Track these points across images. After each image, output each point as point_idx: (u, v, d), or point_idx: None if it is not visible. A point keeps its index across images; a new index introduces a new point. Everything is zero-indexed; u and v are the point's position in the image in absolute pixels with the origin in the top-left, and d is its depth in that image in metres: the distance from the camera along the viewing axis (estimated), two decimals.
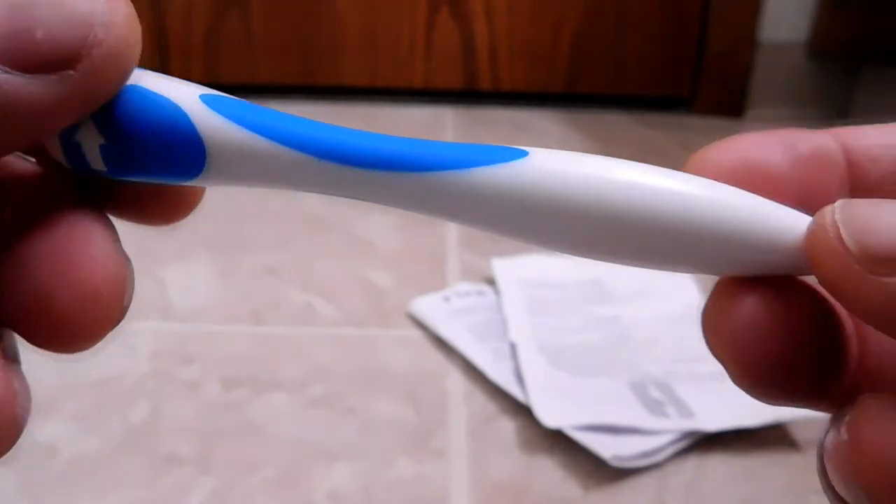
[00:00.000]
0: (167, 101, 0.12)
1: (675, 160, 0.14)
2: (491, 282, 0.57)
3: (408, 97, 1.56)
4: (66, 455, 0.36)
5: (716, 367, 0.16)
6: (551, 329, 0.49)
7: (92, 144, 0.12)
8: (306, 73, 1.50)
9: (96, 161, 0.12)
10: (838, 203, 0.10)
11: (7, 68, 0.10)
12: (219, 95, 0.13)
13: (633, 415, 0.40)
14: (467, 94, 1.55)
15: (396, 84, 1.52)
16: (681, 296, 0.55)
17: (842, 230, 0.10)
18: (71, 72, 0.10)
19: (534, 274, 0.58)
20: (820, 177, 0.12)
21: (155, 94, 0.12)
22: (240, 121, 0.12)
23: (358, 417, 0.40)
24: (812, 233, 0.11)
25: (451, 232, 0.70)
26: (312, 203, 0.79)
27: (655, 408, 0.40)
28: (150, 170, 0.12)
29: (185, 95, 0.12)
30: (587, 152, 0.14)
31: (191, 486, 0.34)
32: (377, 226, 0.70)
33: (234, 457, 0.36)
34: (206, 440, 0.38)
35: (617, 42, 1.49)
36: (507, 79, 1.52)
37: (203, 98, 0.12)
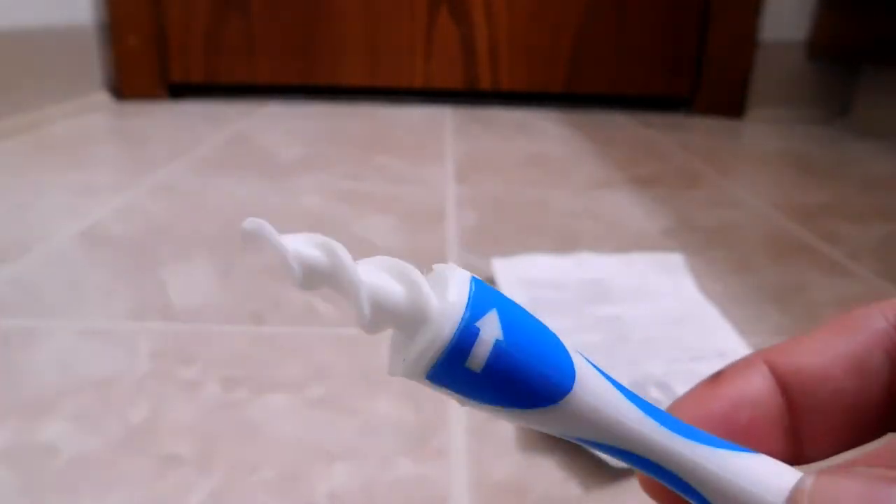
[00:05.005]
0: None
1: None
2: (491, 282, 0.57)
3: (408, 97, 1.56)
4: (66, 455, 0.36)
5: (715, 366, 0.16)
6: (551, 329, 0.49)
7: (487, 340, 0.12)
8: (306, 73, 1.50)
9: (478, 359, 0.12)
10: (806, 490, 0.12)
11: None
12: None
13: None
14: (467, 94, 1.55)
15: (396, 84, 1.52)
16: (681, 296, 0.55)
17: None
18: None
19: (534, 274, 0.58)
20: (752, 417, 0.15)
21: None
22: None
23: (358, 417, 0.40)
24: None
25: (451, 232, 0.70)
26: (312, 203, 0.79)
27: None
28: (520, 379, 0.13)
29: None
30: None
31: (191, 486, 0.34)
32: (377, 226, 0.70)
33: (234, 457, 0.36)
34: (206, 440, 0.38)
35: (617, 42, 1.50)
36: (507, 79, 1.52)
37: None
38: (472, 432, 0.39)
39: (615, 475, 0.36)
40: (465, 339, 0.12)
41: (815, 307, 0.56)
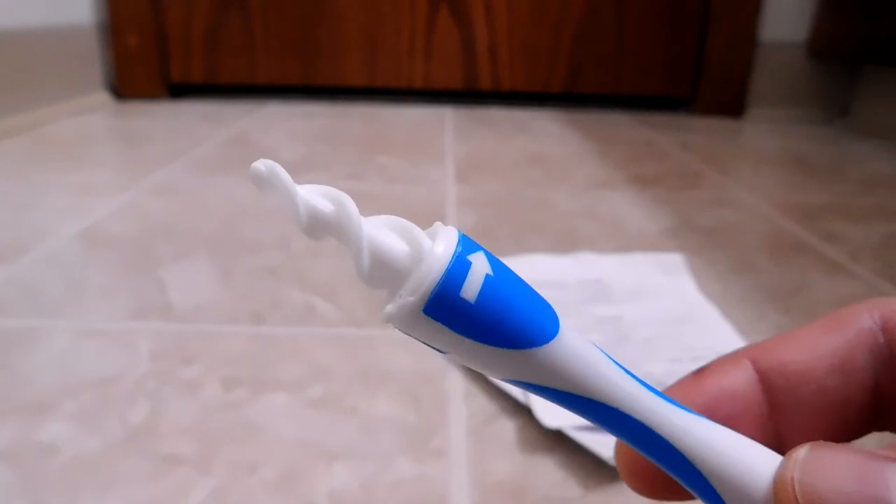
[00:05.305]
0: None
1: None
2: None
3: (408, 97, 1.56)
4: (66, 455, 0.36)
5: None
6: None
7: (479, 271, 0.13)
8: (306, 73, 1.50)
9: (471, 289, 0.13)
10: (799, 459, 0.12)
11: None
12: None
13: None
14: (467, 94, 1.55)
15: (396, 84, 1.52)
16: (681, 296, 0.55)
17: (797, 489, 0.12)
18: None
19: (534, 274, 0.58)
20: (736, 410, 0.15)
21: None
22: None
23: (358, 417, 0.40)
24: (778, 486, 0.13)
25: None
26: None
27: None
28: (511, 313, 0.13)
29: None
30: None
31: (191, 486, 0.34)
32: None
33: (234, 457, 0.36)
34: (206, 440, 0.38)
35: (617, 42, 1.50)
36: (507, 79, 1.52)
37: None
38: (472, 432, 0.39)
39: (615, 475, 0.36)
40: (458, 268, 0.13)
41: (815, 307, 0.56)
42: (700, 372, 0.16)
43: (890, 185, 0.98)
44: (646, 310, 0.52)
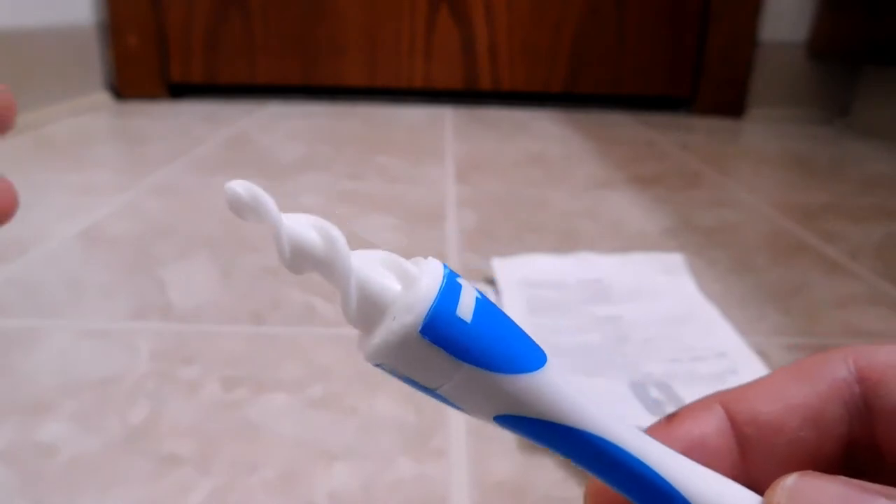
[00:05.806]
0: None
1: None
2: (491, 282, 0.57)
3: (408, 97, 1.56)
4: (66, 455, 0.36)
5: (715, 367, 0.16)
6: (551, 329, 0.49)
7: (470, 293, 0.13)
8: (306, 73, 1.50)
9: (466, 309, 0.12)
10: (787, 486, 0.12)
11: None
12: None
13: (633, 415, 0.40)
14: (467, 94, 1.55)
15: (396, 84, 1.52)
16: (681, 296, 0.55)
17: None
18: None
19: (534, 274, 0.58)
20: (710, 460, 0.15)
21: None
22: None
23: (358, 417, 0.40)
24: None
25: (452, 232, 0.70)
26: (312, 203, 0.79)
27: (655, 408, 0.40)
28: (506, 334, 0.13)
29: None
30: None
31: (191, 486, 0.34)
32: (377, 226, 0.70)
33: (234, 457, 0.36)
34: (206, 440, 0.38)
35: (617, 42, 1.50)
36: (507, 79, 1.52)
37: None
38: (472, 432, 0.39)
39: None
40: (451, 288, 0.12)
41: (815, 307, 0.56)
42: (672, 417, 0.16)
43: (890, 185, 0.98)
44: (646, 310, 0.52)
